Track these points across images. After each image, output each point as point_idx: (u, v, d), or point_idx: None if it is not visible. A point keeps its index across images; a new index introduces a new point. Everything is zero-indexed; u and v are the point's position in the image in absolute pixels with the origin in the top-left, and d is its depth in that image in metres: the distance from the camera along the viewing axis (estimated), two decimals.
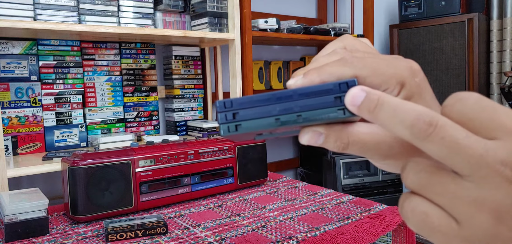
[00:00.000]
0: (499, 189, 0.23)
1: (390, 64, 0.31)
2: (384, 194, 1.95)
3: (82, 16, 1.36)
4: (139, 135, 1.64)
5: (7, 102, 1.35)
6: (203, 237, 0.81)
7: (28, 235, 0.82)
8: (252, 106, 0.32)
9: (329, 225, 0.87)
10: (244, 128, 0.32)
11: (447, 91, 2.11)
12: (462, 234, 0.25)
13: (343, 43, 0.36)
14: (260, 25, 1.81)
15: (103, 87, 1.55)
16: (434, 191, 0.25)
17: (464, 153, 0.23)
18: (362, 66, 0.31)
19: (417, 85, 0.31)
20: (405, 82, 0.31)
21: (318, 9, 2.51)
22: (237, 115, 0.32)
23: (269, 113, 0.32)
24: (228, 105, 0.32)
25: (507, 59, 2.15)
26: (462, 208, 0.24)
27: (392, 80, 0.30)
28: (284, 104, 0.31)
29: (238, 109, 0.32)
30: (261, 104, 0.32)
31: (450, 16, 2.12)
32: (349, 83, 0.30)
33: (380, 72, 0.31)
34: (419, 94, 0.31)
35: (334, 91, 0.31)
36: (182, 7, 1.60)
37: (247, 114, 0.32)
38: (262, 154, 1.20)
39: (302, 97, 0.31)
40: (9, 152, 1.35)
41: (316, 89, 0.31)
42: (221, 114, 0.32)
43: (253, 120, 0.32)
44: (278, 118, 0.31)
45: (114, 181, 0.92)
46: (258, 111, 0.32)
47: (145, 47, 1.65)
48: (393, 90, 0.31)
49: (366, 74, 0.31)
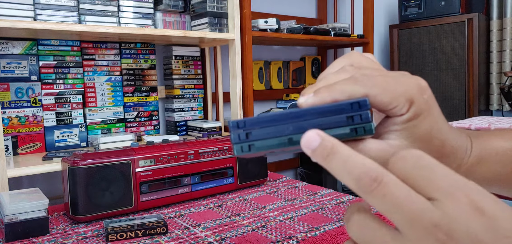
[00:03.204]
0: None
1: (399, 82, 0.31)
2: None
3: (82, 16, 1.36)
4: (139, 135, 1.64)
5: (7, 102, 1.35)
6: (203, 237, 0.81)
7: (28, 235, 0.82)
8: (265, 126, 0.32)
9: (329, 225, 0.87)
10: (257, 148, 0.32)
11: (447, 91, 2.11)
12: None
13: (350, 60, 0.36)
14: (260, 25, 1.81)
15: (103, 87, 1.55)
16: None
17: (402, 211, 0.24)
18: (372, 85, 0.31)
19: (425, 102, 0.32)
20: (414, 100, 0.31)
21: (318, 9, 2.52)
22: (250, 135, 0.32)
23: (282, 133, 0.32)
24: (241, 125, 0.32)
25: (507, 59, 2.15)
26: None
27: (401, 98, 0.31)
28: (296, 123, 0.31)
29: (251, 129, 0.32)
30: (274, 124, 0.32)
31: (450, 16, 2.13)
32: (361, 102, 0.30)
33: (390, 91, 0.31)
34: (427, 111, 0.32)
35: (346, 111, 0.31)
36: (182, 7, 1.60)
37: (260, 134, 0.32)
38: None
39: (314, 116, 0.31)
40: (9, 152, 1.35)
41: (328, 109, 0.31)
42: (234, 134, 0.32)
43: (266, 140, 0.32)
44: (291, 138, 0.31)
45: (114, 181, 0.92)
46: (271, 131, 0.32)
47: (145, 47, 1.65)
48: (402, 108, 0.31)
49: (376, 92, 0.31)
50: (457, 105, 2.08)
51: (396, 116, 0.32)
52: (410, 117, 0.31)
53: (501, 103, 2.23)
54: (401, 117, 0.31)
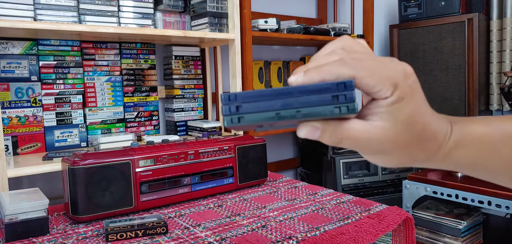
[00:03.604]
0: None
1: (385, 67, 0.33)
2: (384, 194, 1.95)
3: (82, 16, 1.36)
4: (139, 135, 1.64)
5: (7, 102, 1.35)
6: (203, 237, 0.81)
7: (28, 235, 0.82)
8: (255, 101, 0.34)
9: (329, 225, 0.87)
10: (246, 120, 0.34)
11: (447, 91, 2.11)
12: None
13: (342, 44, 0.37)
14: (260, 25, 1.81)
15: (103, 87, 1.55)
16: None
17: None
18: (359, 68, 0.33)
19: (409, 87, 0.34)
20: (398, 84, 0.33)
21: (318, 9, 2.51)
22: (240, 108, 0.34)
23: (271, 108, 0.34)
24: (232, 99, 0.34)
25: (507, 59, 2.15)
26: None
27: (386, 82, 0.33)
28: (284, 100, 0.33)
29: (242, 103, 0.34)
30: (263, 99, 0.34)
31: (450, 16, 2.12)
32: (346, 83, 0.33)
33: (376, 74, 0.33)
34: (411, 95, 0.34)
35: (332, 90, 0.33)
36: (182, 7, 1.60)
37: (249, 108, 0.34)
38: (262, 154, 1.20)
39: (301, 94, 0.33)
40: (9, 152, 1.35)
41: (315, 88, 0.33)
42: (225, 106, 0.34)
43: (255, 113, 0.34)
44: (278, 113, 0.34)
45: (114, 181, 0.92)
46: (260, 106, 0.34)
47: (145, 47, 1.65)
48: (387, 91, 0.33)
49: (362, 75, 0.33)
50: (457, 105, 2.09)
51: (381, 99, 0.33)
52: (394, 101, 0.33)
53: (501, 103, 2.23)
54: (385, 100, 0.33)
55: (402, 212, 0.93)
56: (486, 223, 1.92)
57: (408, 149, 0.35)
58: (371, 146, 0.35)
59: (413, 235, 0.95)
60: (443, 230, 1.65)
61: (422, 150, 0.36)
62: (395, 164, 0.37)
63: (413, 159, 0.37)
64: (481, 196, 1.49)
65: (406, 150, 0.35)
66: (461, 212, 1.69)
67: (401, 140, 0.35)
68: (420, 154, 0.36)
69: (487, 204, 1.48)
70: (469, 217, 1.65)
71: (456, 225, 1.62)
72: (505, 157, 0.38)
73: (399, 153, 0.36)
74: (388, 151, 0.35)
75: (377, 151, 0.36)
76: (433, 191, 1.64)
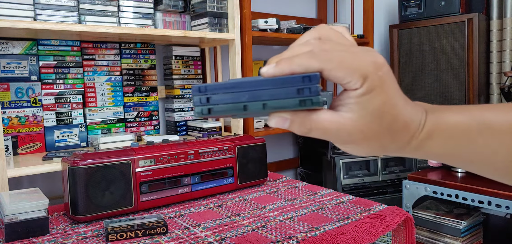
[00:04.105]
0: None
1: (355, 58, 0.33)
2: (384, 194, 1.95)
3: (82, 16, 1.36)
4: (139, 135, 1.64)
5: (7, 102, 1.35)
6: (203, 237, 0.81)
7: (28, 235, 0.82)
8: (224, 92, 0.35)
9: (329, 225, 0.87)
10: (216, 112, 0.35)
11: (447, 91, 2.11)
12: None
13: (318, 33, 0.37)
14: (260, 25, 1.81)
15: (103, 87, 1.55)
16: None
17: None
18: (327, 60, 0.33)
19: (379, 78, 0.33)
20: (368, 75, 0.33)
21: (318, 9, 2.51)
22: (210, 100, 0.35)
23: (238, 100, 0.34)
24: (202, 90, 0.35)
25: (507, 59, 2.15)
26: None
27: (355, 74, 0.33)
28: (252, 92, 0.34)
29: (212, 94, 0.35)
30: (232, 90, 0.35)
31: (450, 16, 2.12)
32: (311, 76, 0.33)
33: (344, 66, 0.33)
34: (381, 87, 0.33)
35: (297, 84, 0.33)
36: (182, 7, 1.60)
37: (219, 99, 0.35)
38: (262, 154, 1.20)
39: (269, 86, 0.34)
40: (9, 152, 1.35)
41: (281, 81, 0.34)
42: (196, 97, 0.35)
43: (224, 105, 0.35)
44: (245, 105, 0.34)
45: (114, 181, 0.92)
46: (228, 98, 0.35)
47: (145, 47, 1.65)
48: (356, 83, 0.33)
49: (330, 67, 0.33)
50: None
51: (351, 90, 0.33)
52: (364, 92, 0.33)
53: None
54: (355, 92, 0.33)
55: (402, 212, 0.93)
56: (486, 223, 1.92)
57: (379, 139, 0.35)
58: (340, 136, 0.35)
59: (413, 235, 0.95)
60: (443, 230, 1.65)
61: (393, 140, 0.36)
62: (366, 153, 0.37)
63: (384, 149, 0.37)
64: (481, 196, 1.49)
65: (376, 141, 0.35)
66: (461, 212, 1.69)
67: (370, 131, 0.34)
68: (392, 144, 0.36)
69: (487, 204, 1.48)
70: (469, 217, 1.65)
71: (456, 225, 1.62)
72: (480, 147, 0.37)
73: (370, 143, 0.36)
74: (358, 141, 0.35)
75: (347, 141, 0.36)
76: (433, 191, 1.64)
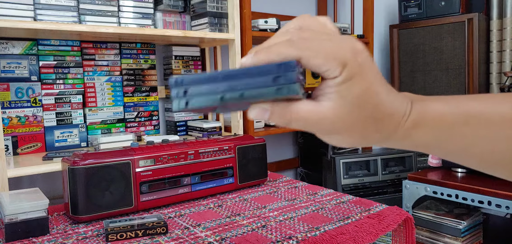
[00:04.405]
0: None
1: (334, 46, 0.33)
2: (384, 194, 1.95)
3: (82, 16, 1.36)
4: (139, 135, 1.64)
5: (7, 102, 1.35)
6: (203, 237, 0.81)
7: (28, 235, 0.82)
8: (200, 84, 0.34)
9: (329, 225, 0.87)
10: (193, 104, 0.34)
11: (447, 91, 2.11)
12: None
13: (299, 23, 0.37)
14: (260, 25, 1.81)
15: (103, 87, 1.55)
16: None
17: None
18: (305, 48, 0.32)
19: (358, 65, 0.33)
20: (347, 63, 0.32)
21: (318, 9, 2.51)
22: (187, 92, 0.34)
23: (215, 91, 0.34)
24: (179, 82, 0.34)
25: (507, 59, 2.15)
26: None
27: (333, 62, 0.32)
28: (228, 83, 0.33)
29: (188, 87, 0.34)
30: (208, 82, 0.34)
31: (450, 16, 2.13)
32: (287, 64, 0.32)
33: (322, 54, 0.32)
34: (360, 74, 0.33)
35: (273, 72, 0.32)
36: (182, 7, 1.60)
37: (195, 91, 0.34)
38: (262, 153, 1.20)
39: (245, 76, 0.33)
40: (9, 152, 1.35)
41: (258, 70, 0.33)
42: (173, 90, 0.34)
43: (201, 97, 0.34)
44: (222, 97, 0.33)
45: (114, 181, 0.92)
46: (205, 89, 0.34)
47: (145, 47, 1.65)
48: (335, 70, 0.32)
49: (309, 55, 0.32)
50: None
51: (330, 78, 0.33)
52: (343, 80, 0.32)
53: None
54: (334, 80, 0.33)
55: (402, 212, 0.93)
56: (486, 223, 1.92)
57: (361, 129, 0.34)
58: (322, 126, 0.34)
59: (413, 235, 0.95)
60: (443, 230, 1.65)
61: (376, 130, 0.35)
62: (350, 143, 0.36)
63: (368, 139, 0.36)
64: (481, 196, 1.49)
65: (359, 130, 0.35)
66: (461, 212, 1.69)
67: (352, 120, 0.34)
68: (375, 134, 0.35)
69: (487, 204, 1.48)
70: (469, 217, 1.65)
71: (456, 225, 1.62)
72: (467, 137, 0.36)
73: (352, 133, 0.35)
74: (340, 131, 0.35)
75: (329, 131, 0.35)
76: (433, 191, 1.64)
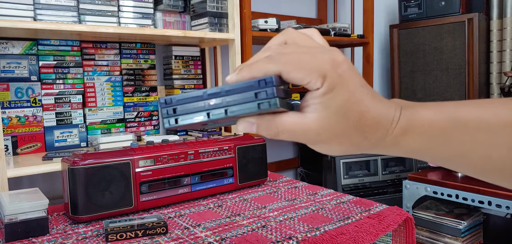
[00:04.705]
0: None
1: (313, 59, 0.33)
2: (384, 194, 1.95)
3: (82, 16, 1.36)
4: (139, 135, 1.64)
5: (7, 102, 1.35)
6: (203, 237, 0.81)
7: (28, 235, 0.82)
8: (187, 103, 0.36)
9: (329, 225, 0.87)
10: (182, 121, 0.36)
11: (447, 91, 2.11)
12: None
13: (283, 38, 0.38)
14: (260, 25, 1.81)
15: (103, 87, 1.55)
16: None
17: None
18: (284, 63, 0.34)
19: (338, 76, 0.33)
20: (327, 74, 0.33)
21: (318, 9, 2.51)
22: (176, 111, 0.36)
23: (202, 109, 0.36)
24: (168, 102, 0.37)
25: (507, 59, 2.15)
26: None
27: (313, 74, 0.33)
28: (214, 100, 0.36)
29: (177, 106, 0.36)
30: (194, 100, 0.36)
31: (450, 16, 2.13)
32: (267, 80, 0.34)
33: (302, 67, 0.33)
34: (341, 85, 0.34)
35: (254, 88, 0.34)
36: (182, 7, 1.60)
37: (184, 109, 0.36)
38: (262, 154, 1.20)
39: (228, 94, 0.35)
40: (9, 152, 1.35)
41: (240, 87, 0.35)
42: (163, 110, 0.37)
43: (189, 114, 0.36)
44: (208, 114, 0.36)
45: (114, 181, 0.92)
46: (192, 108, 0.36)
47: (145, 47, 1.65)
48: (316, 83, 0.33)
49: (289, 69, 0.33)
50: None
51: (313, 90, 0.34)
52: (324, 92, 0.33)
53: None
54: (316, 92, 0.34)
55: (402, 212, 0.93)
56: (486, 223, 1.92)
57: (348, 137, 0.35)
58: (308, 137, 0.35)
59: (413, 235, 0.95)
60: (443, 230, 1.65)
61: (364, 137, 0.35)
62: (339, 152, 0.37)
63: (357, 146, 0.36)
64: (481, 196, 1.49)
65: (346, 138, 0.35)
66: (461, 212, 1.69)
67: (337, 130, 0.34)
68: (364, 141, 0.36)
69: (487, 204, 1.48)
70: (469, 217, 1.65)
71: (456, 225, 1.62)
72: (455, 143, 0.36)
73: (340, 141, 0.35)
74: (327, 141, 0.35)
75: (316, 141, 0.36)
76: (433, 191, 1.64)
